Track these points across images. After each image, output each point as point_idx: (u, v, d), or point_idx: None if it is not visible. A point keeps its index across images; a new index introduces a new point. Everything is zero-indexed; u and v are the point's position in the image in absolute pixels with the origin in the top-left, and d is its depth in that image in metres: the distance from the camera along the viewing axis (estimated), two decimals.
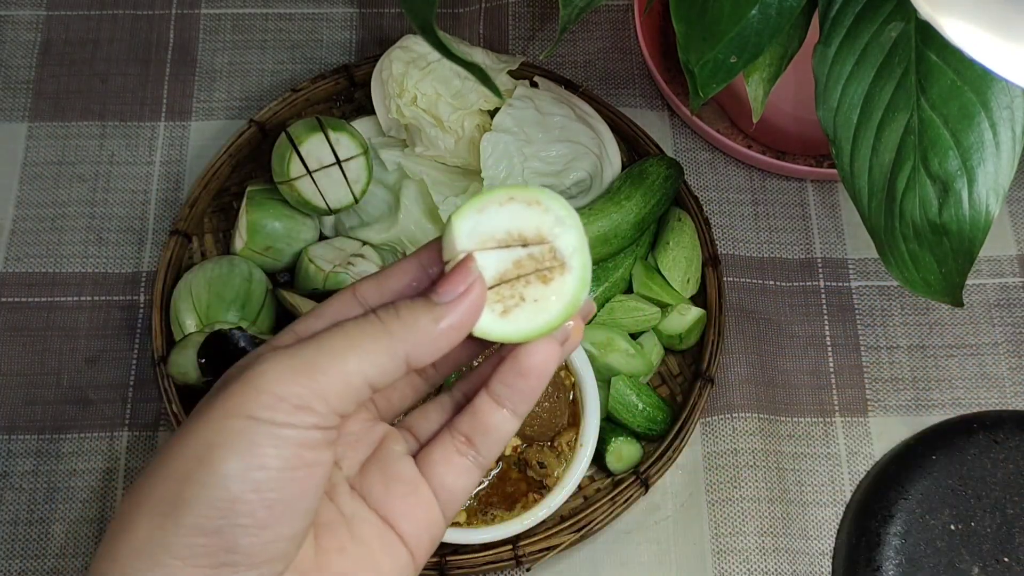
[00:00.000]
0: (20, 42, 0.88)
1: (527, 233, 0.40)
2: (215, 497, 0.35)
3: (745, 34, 0.56)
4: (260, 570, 0.36)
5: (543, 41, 0.88)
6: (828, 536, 0.72)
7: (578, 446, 0.69)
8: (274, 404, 0.36)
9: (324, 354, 0.37)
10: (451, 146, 0.77)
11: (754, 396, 0.76)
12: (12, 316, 0.78)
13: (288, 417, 0.36)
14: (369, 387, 0.38)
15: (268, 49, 0.89)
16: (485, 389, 0.41)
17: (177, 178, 0.83)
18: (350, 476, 0.41)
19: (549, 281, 0.40)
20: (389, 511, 0.41)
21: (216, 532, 0.35)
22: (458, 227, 0.40)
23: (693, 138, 0.85)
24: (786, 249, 0.81)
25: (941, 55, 0.56)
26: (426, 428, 0.43)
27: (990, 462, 0.72)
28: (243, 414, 0.36)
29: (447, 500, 0.41)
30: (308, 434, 0.36)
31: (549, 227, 0.40)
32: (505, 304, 0.40)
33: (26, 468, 0.74)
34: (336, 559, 0.39)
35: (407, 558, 0.41)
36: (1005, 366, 0.78)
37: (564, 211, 0.41)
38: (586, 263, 0.41)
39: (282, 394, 0.36)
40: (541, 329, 0.40)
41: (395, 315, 0.39)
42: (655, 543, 0.72)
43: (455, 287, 0.39)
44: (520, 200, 0.41)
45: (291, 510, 0.36)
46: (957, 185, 0.56)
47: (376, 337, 0.38)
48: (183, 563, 0.35)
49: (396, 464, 0.41)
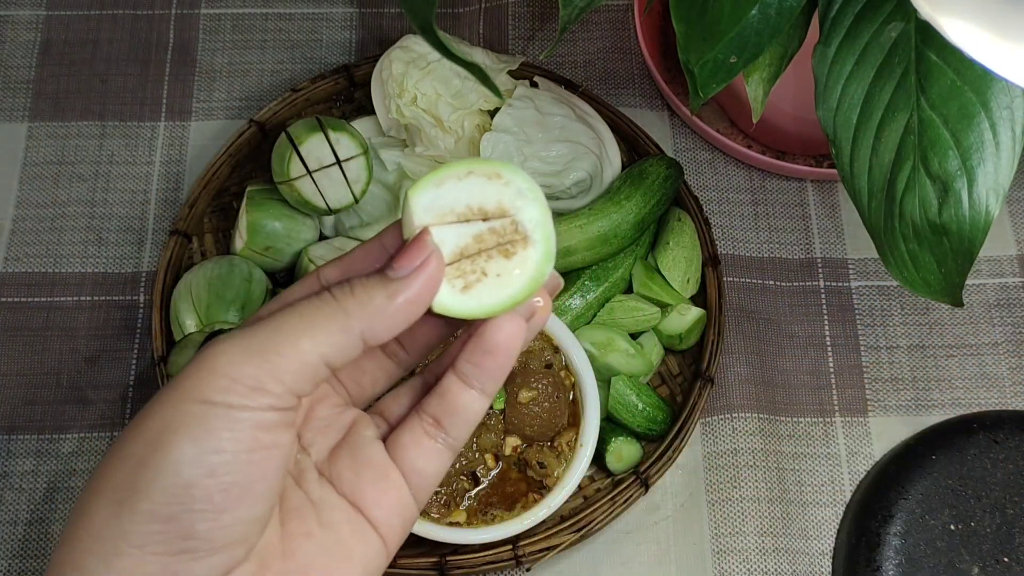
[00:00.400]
0: (20, 42, 0.88)
1: (488, 207, 0.40)
2: (169, 483, 0.35)
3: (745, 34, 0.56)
4: (220, 555, 0.36)
5: (543, 41, 0.88)
6: (828, 536, 0.72)
7: (578, 446, 0.69)
8: (228, 386, 0.35)
9: (278, 334, 0.37)
10: (451, 146, 0.77)
11: (754, 396, 0.76)
12: (12, 316, 0.78)
13: (243, 399, 0.36)
14: (325, 366, 0.37)
15: (268, 49, 0.89)
16: (452, 369, 0.40)
17: (177, 178, 0.83)
18: (319, 461, 0.41)
19: (511, 255, 0.40)
20: (359, 496, 0.40)
21: (172, 518, 0.35)
22: (415, 202, 0.39)
23: (693, 138, 0.85)
24: (786, 249, 0.81)
25: (941, 55, 0.56)
26: (397, 412, 0.43)
27: (990, 462, 0.72)
28: (197, 398, 0.35)
29: (418, 484, 0.41)
30: (264, 415, 0.36)
31: (510, 200, 0.40)
32: (467, 279, 0.39)
33: (26, 468, 0.74)
34: (303, 544, 0.39)
35: (378, 543, 0.40)
36: (1005, 366, 0.78)
37: (525, 184, 0.40)
38: (549, 236, 0.40)
39: (236, 376, 0.36)
40: (505, 304, 0.39)
41: (349, 292, 0.38)
42: (655, 543, 0.72)
43: (410, 261, 0.38)
44: (480, 174, 0.40)
45: (249, 493, 0.36)
46: (957, 185, 0.56)
47: (330, 315, 0.38)
48: (140, 550, 0.35)
49: (366, 449, 0.41)
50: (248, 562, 0.37)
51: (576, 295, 0.75)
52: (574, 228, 0.75)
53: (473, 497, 0.69)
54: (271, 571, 0.38)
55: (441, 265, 0.39)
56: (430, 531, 0.67)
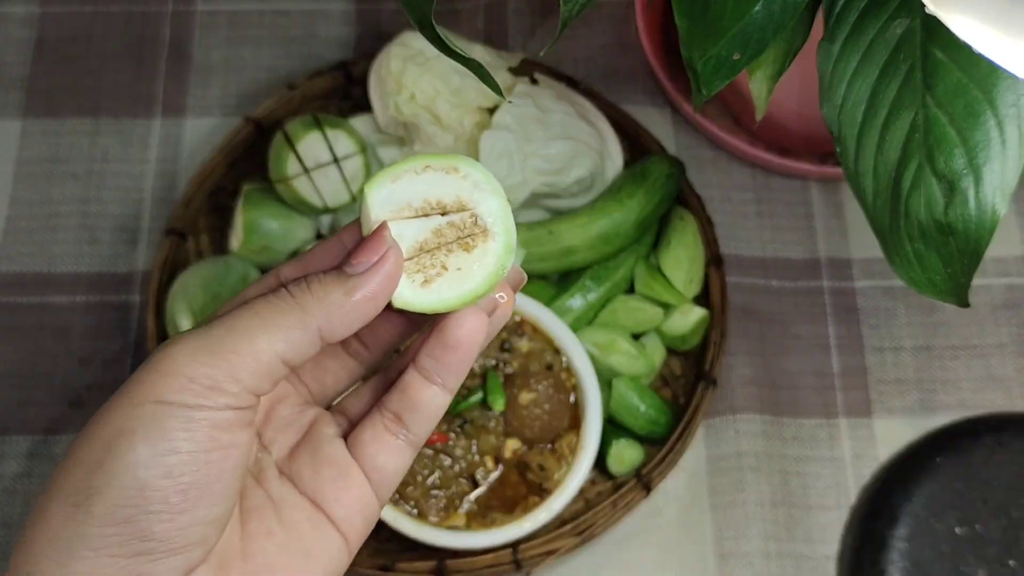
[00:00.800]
0: (14, 38, 0.88)
1: (446, 200, 0.40)
2: (124, 485, 0.34)
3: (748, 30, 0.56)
4: (178, 556, 0.35)
5: (544, 37, 0.88)
6: (833, 540, 0.72)
7: (579, 449, 0.69)
8: (184, 386, 0.35)
9: (234, 332, 0.37)
10: (450, 144, 0.76)
11: (757, 398, 0.75)
12: (4, 316, 0.78)
13: (199, 399, 0.35)
14: (283, 363, 0.37)
15: (264, 45, 0.88)
16: (413, 364, 0.40)
17: (172, 176, 0.83)
18: (280, 460, 0.41)
19: (471, 248, 0.40)
20: (319, 495, 0.40)
21: (127, 521, 0.34)
22: (372, 197, 0.39)
23: (696, 136, 0.84)
24: (790, 249, 0.81)
25: (947, 52, 0.56)
26: (358, 409, 0.43)
27: (996, 465, 0.72)
28: (152, 399, 0.35)
29: (379, 481, 0.41)
30: (221, 415, 0.36)
31: (468, 193, 0.40)
32: (426, 274, 0.40)
33: (19, 470, 0.73)
34: (263, 543, 0.39)
35: (339, 541, 0.40)
36: (1011, 367, 0.77)
37: (483, 176, 0.40)
38: (510, 228, 0.40)
39: (192, 375, 0.35)
40: (466, 297, 0.39)
41: (306, 289, 0.38)
42: (657, 547, 0.71)
43: (368, 257, 0.38)
44: (437, 168, 0.40)
45: (207, 494, 0.36)
46: (963, 184, 0.56)
47: (286, 312, 0.37)
48: (96, 553, 0.34)
49: (326, 447, 0.41)
50: (207, 563, 0.37)
51: (577, 295, 0.75)
52: (575, 227, 0.74)
53: (473, 500, 0.69)
54: (231, 571, 0.38)
55: (399, 260, 0.39)
56: (429, 535, 0.67)
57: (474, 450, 0.69)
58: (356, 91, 0.84)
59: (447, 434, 0.69)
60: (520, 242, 0.74)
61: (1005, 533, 0.70)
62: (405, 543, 0.69)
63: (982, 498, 0.70)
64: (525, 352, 0.71)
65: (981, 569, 0.69)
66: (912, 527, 0.70)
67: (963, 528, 0.70)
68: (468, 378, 0.69)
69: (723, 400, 0.75)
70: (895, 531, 0.70)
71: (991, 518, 0.70)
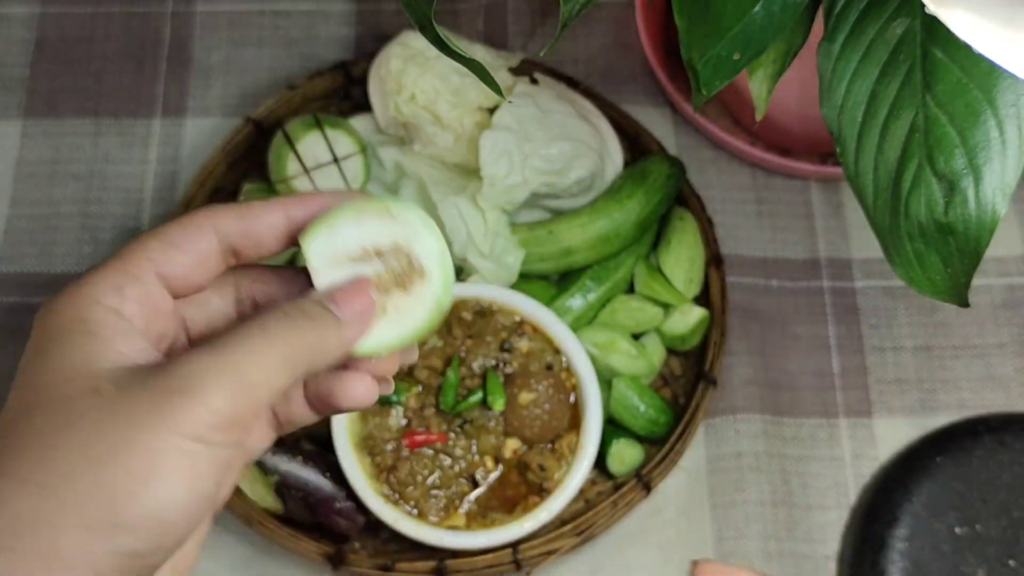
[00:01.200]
0: (15, 39, 0.88)
1: (382, 244, 0.41)
2: (150, 527, 0.34)
3: (748, 30, 0.56)
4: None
5: (544, 37, 0.88)
6: (833, 540, 0.72)
7: (579, 449, 0.69)
8: (221, 425, 0.35)
9: (258, 369, 0.37)
10: (450, 144, 0.76)
11: (757, 398, 0.75)
12: (5, 317, 0.77)
13: (225, 436, 0.35)
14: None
15: (265, 46, 0.88)
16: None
17: (173, 177, 0.83)
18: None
19: (409, 290, 0.41)
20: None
21: (138, 555, 0.34)
22: (309, 249, 0.40)
23: (696, 136, 0.84)
24: (790, 249, 0.80)
25: (947, 52, 0.56)
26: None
27: (996, 465, 0.71)
28: (192, 434, 0.35)
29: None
30: (234, 451, 0.36)
31: (404, 236, 0.41)
32: None
33: None
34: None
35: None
36: (1012, 367, 0.77)
37: (417, 217, 0.41)
38: (447, 266, 0.41)
39: (227, 414, 0.35)
40: (405, 338, 0.41)
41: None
42: (657, 547, 0.71)
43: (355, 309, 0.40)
44: (371, 213, 0.41)
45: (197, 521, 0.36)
46: (963, 184, 0.56)
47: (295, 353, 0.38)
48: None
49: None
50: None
51: (577, 295, 0.75)
52: (575, 227, 0.74)
53: (473, 500, 0.69)
54: None
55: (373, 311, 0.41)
56: (428, 535, 0.67)
57: (474, 450, 0.69)
58: (356, 91, 0.84)
59: (447, 434, 0.69)
60: (520, 242, 0.74)
61: (1005, 533, 0.70)
62: (405, 543, 0.69)
63: (982, 498, 0.70)
64: (525, 352, 0.71)
65: (981, 569, 0.69)
66: (912, 527, 0.70)
67: (963, 528, 0.70)
68: (468, 378, 0.70)
69: (723, 400, 0.75)
70: (895, 531, 0.70)
71: (991, 518, 0.70)
